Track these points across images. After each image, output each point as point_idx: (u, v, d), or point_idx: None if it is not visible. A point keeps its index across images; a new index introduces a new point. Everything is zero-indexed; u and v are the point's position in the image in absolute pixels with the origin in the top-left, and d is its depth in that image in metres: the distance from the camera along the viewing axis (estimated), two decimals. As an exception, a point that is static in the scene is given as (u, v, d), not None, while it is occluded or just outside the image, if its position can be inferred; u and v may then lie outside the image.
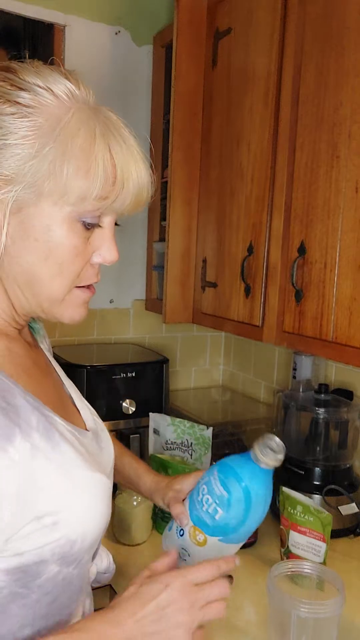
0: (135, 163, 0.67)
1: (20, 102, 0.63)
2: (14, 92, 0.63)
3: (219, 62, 1.51)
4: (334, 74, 1.12)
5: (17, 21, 1.92)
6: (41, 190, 0.62)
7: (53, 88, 0.65)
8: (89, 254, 0.69)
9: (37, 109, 0.63)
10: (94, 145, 0.63)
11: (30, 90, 0.63)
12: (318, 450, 1.45)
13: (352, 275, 1.09)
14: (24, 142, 0.62)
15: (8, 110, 0.62)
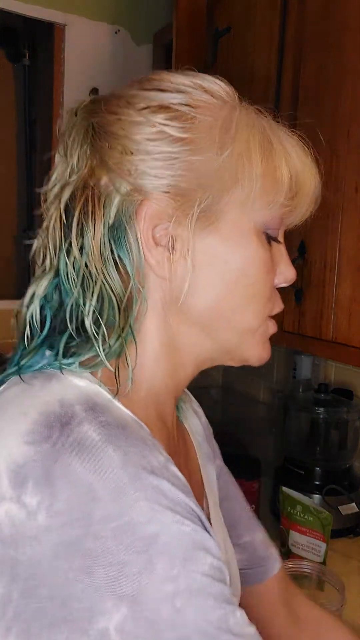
0: (311, 168, 0.59)
1: (186, 104, 0.53)
2: (170, 95, 0.53)
3: (219, 61, 1.51)
4: (333, 73, 1.12)
5: (17, 21, 1.92)
6: (226, 200, 0.52)
7: (211, 88, 0.57)
8: (274, 272, 0.59)
9: (203, 109, 0.54)
10: (272, 146, 0.55)
11: (186, 92, 0.54)
12: (318, 450, 1.45)
13: (352, 275, 1.09)
14: (201, 146, 0.51)
15: (170, 115, 0.51)
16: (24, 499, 0.40)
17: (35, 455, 0.41)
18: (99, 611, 0.38)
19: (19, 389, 0.48)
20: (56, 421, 0.43)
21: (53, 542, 0.39)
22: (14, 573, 0.39)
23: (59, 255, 0.50)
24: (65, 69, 1.74)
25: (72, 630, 0.38)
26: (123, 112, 0.52)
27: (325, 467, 1.42)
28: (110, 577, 0.39)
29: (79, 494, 0.40)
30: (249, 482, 1.30)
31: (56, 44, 1.75)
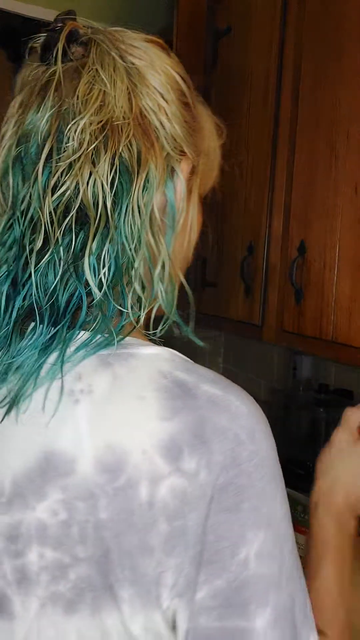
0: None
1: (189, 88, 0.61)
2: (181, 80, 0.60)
3: (219, 61, 1.51)
4: (332, 74, 1.12)
5: (17, 21, 1.92)
6: (205, 174, 0.62)
7: (187, 75, 0.64)
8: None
9: (193, 94, 0.62)
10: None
11: (185, 80, 0.62)
12: (318, 450, 1.45)
13: (352, 275, 1.09)
14: (203, 122, 0.63)
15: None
16: (182, 467, 0.46)
17: (180, 427, 0.46)
18: (242, 543, 0.46)
19: (110, 378, 0.49)
20: (179, 392, 0.48)
21: (210, 490, 0.46)
22: (185, 541, 0.46)
23: (113, 212, 0.50)
24: (66, 70, 1.75)
25: (214, 569, 0.46)
26: (155, 65, 0.55)
27: (326, 467, 1.42)
28: (254, 509, 0.47)
29: (228, 442, 0.47)
30: (249, 481, 1.30)
31: (56, 45, 1.75)
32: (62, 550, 0.47)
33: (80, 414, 0.48)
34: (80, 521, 0.47)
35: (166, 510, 0.46)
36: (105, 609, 0.47)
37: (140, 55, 0.54)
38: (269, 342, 1.32)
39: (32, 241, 0.50)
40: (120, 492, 0.46)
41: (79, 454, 0.47)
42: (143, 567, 0.46)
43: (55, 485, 0.47)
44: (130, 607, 0.47)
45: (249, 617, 0.46)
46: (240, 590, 0.46)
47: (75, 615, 0.48)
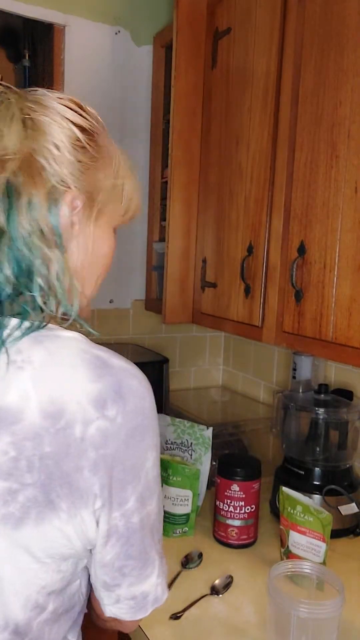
0: (139, 190, 0.83)
1: (93, 129, 0.74)
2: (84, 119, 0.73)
3: (219, 62, 1.51)
4: (333, 74, 1.12)
5: (17, 21, 1.92)
6: (110, 207, 0.77)
7: (96, 115, 0.77)
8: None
9: (100, 135, 0.75)
10: (131, 170, 0.80)
11: (91, 119, 0.74)
12: (318, 450, 1.45)
13: (352, 275, 1.09)
14: (106, 163, 0.75)
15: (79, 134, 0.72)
16: (106, 414, 0.64)
17: (104, 387, 0.65)
18: (146, 459, 0.68)
19: (45, 352, 0.65)
20: (100, 364, 0.66)
21: (126, 430, 0.65)
22: (106, 464, 0.64)
23: (8, 224, 0.65)
24: (66, 70, 1.74)
25: (137, 482, 0.67)
26: (53, 118, 0.69)
27: (325, 468, 1.42)
28: (152, 438, 0.68)
29: (137, 398, 0.67)
30: (249, 482, 1.30)
31: (56, 45, 1.75)
32: (12, 480, 0.63)
33: (25, 377, 0.64)
34: (28, 456, 0.63)
35: (94, 443, 0.64)
36: (47, 519, 0.64)
37: (42, 111, 0.69)
38: (269, 342, 1.32)
39: None
40: (60, 431, 0.63)
41: (25, 406, 0.63)
42: (77, 483, 0.64)
43: (6, 432, 0.63)
44: (67, 514, 0.64)
45: (151, 502, 0.70)
46: (147, 489, 0.68)
47: (22, 528, 0.64)
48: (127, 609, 0.72)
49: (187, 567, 1.22)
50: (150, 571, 0.72)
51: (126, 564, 0.69)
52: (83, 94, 1.95)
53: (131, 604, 0.72)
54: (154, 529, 0.72)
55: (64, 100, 0.72)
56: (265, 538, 1.36)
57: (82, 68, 1.77)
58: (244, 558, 1.28)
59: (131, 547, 0.69)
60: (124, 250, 1.90)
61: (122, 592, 0.71)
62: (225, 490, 1.31)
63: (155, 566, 0.72)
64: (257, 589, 1.16)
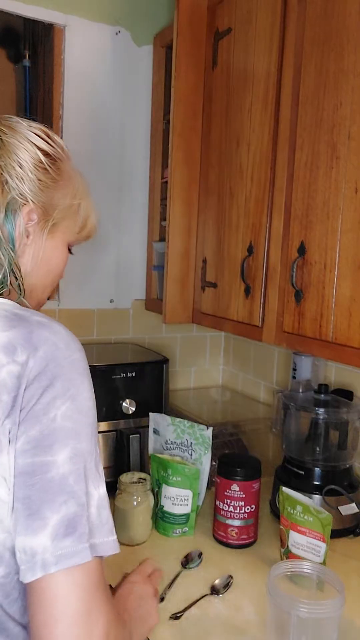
0: (94, 211, 0.95)
1: (56, 155, 0.86)
2: (48, 146, 0.86)
3: (219, 62, 1.51)
4: (333, 74, 1.12)
5: (17, 21, 1.92)
6: (64, 224, 0.88)
7: (62, 143, 0.89)
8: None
9: (62, 160, 0.87)
10: (89, 194, 0.92)
11: (56, 145, 0.87)
12: (318, 450, 1.45)
13: (352, 275, 1.09)
14: (65, 185, 0.87)
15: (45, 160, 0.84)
16: (16, 359, 0.69)
17: (16, 334, 0.71)
18: (52, 406, 0.69)
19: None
20: (15, 317, 0.73)
21: (36, 372, 0.69)
22: (16, 405, 0.68)
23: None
24: (66, 70, 1.74)
25: (31, 423, 0.68)
26: (21, 141, 0.82)
27: (325, 468, 1.42)
28: (64, 387, 0.70)
29: (48, 346, 0.71)
30: (249, 482, 1.30)
31: (56, 45, 1.75)
32: None
33: None
34: None
35: (6, 387, 0.68)
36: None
37: (12, 135, 0.82)
38: (269, 342, 1.32)
39: None
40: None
41: None
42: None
43: None
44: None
45: (53, 454, 0.68)
46: (48, 436, 0.68)
47: None
48: (22, 566, 0.67)
49: (187, 567, 1.23)
50: (38, 526, 0.67)
51: (16, 505, 0.68)
52: (83, 95, 1.95)
53: (23, 559, 0.67)
54: (51, 488, 0.67)
55: (34, 129, 0.85)
56: (265, 538, 1.36)
57: (82, 68, 1.77)
58: (244, 558, 1.28)
59: (19, 489, 0.68)
60: (124, 250, 1.90)
61: (17, 541, 0.68)
62: (225, 490, 1.31)
63: (46, 524, 0.66)
64: (257, 589, 1.16)
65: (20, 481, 0.68)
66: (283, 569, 1.03)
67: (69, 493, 0.68)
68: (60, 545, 0.66)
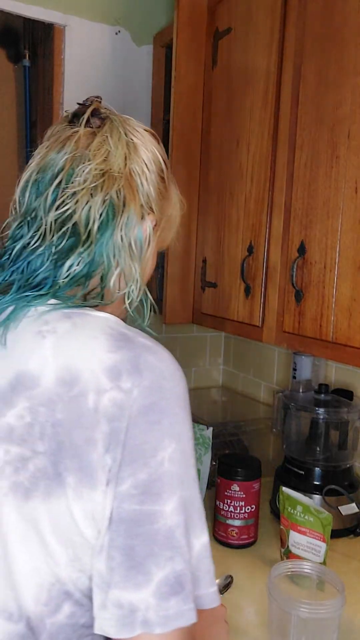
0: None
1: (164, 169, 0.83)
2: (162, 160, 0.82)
3: (219, 61, 1.51)
4: (333, 74, 1.12)
5: (17, 21, 1.92)
6: (162, 232, 0.85)
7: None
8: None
9: (168, 168, 0.83)
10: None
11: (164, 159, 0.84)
12: (318, 450, 1.45)
13: (352, 275, 1.09)
14: (170, 194, 0.84)
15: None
16: (121, 385, 0.62)
17: (121, 358, 0.64)
18: (160, 447, 0.62)
19: (70, 324, 0.67)
20: (122, 337, 0.66)
21: (140, 405, 0.62)
22: (119, 439, 0.61)
23: (97, 233, 0.71)
24: (66, 70, 1.74)
25: (138, 465, 0.61)
26: (146, 145, 0.78)
27: (326, 468, 1.42)
28: (170, 425, 0.63)
29: (155, 375, 0.64)
30: (249, 482, 1.30)
31: (56, 45, 1.75)
32: (25, 446, 0.62)
33: (46, 345, 0.65)
34: (41, 422, 0.62)
35: (107, 415, 0.61)
36: (54, 495, 0.61)
37: (138, 136, 0.77)
38: (269, 342, 1.32)
39: (31, 238, 0.73)
40: (73, 399, 0.62)
41: (43, 372, 0.63)
42: (87, 457, 0.61)
43: (23, 396, 0.63)
44: (74, 492, 0.61)
45: (162, 503, 0.62)
46: (155, 482, 0.62)
47: (31, 500, 0.62)
48: (114, 620, 0.61)
49: (187, 567, 1.22)
50: (141, 581, 0.60)
51: (113, 554, 0.61)
52: (83, 94, 1.94)
53: (117, 613, 0.61)
54: (158, 541, 0.61)
55: (149, 132, 0.81)
56: (266, 538, 1.36)
57: (82, 68, 1.77)
58: (244, 558, 1.28)
59: (118, 536, 0.61)
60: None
61: (110, 593, 0.61)
62: (225, 490, 1.31)
63: (150, 580, 0.61)
64: (257, 589, 1.16)
65: (121, 528, 0.61)
66: (283, 569, 1.03)
67: (175, 548, 0.62)
68: (166, 605, 0.61)
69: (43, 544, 0.63)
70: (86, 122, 0.76)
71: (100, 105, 0.79)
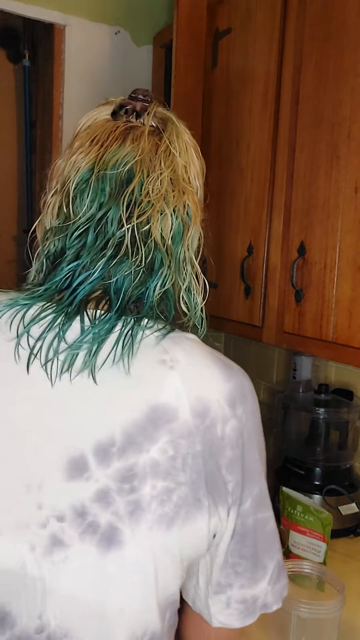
0: None
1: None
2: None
3: (219, 62, 1.51)
4: (333, 74, 1.12)
5: (17, 21, 1.92)
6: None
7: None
8: None
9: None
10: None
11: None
12: (318, 450, 1.45)
13: (352, 275, 1.09)
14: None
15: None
16: (237, 413, 0.66)
17: (234, 387, 0.66)
18: (261, 463, 0.69)
19: (183, 352, 0.66)
20: (226, 365, 0.68)
21: (249, 429, 0.67)
22: (237, 463, 0.66)
23: (175, 247, 0.70)
24: (66, 70, 1.75)
25: (253, 482, 0.68)
26: (197, 151, 0.77)
27: (326, 467, 1.42)
28: (260, 442, 0.69)
29: (253, 398, 0.69)
30: (249, 482, 1.30)
31: (56, 45, 1.75)
32: (170, 479, 0.63)
33: (175, 376, 0.64)
34: (183, 454, 0.63)
35: (230, 442, 0.65)
36: (192, 518, 0.64)
37: (189, 138, 0.75)
38: (269, 342, 1.32)
39: (104, 249, 0.67)
40: (207, 429, 0.64)
41: (179, 404, 0.63)
42: (217, 481, 0.64)
43: (164, 430, 0.62)
44: (208, 513, 0.64)
45: (268, 507, 0.70)
46: (263, 492, 0.69)
47: (172, 528, 0.63)
48: (237, 614, 0.70)
49: (187, 567, 1.23)
50: (260, 575, 0.70)
51: (239, 562, 0.68)
52: (83, 94, 1.95)
53: (241, 608, 0.70)
54: (269, 539, 0.70)
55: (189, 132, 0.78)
56: (266, 538, 1.36)
57: (82, 68, 1.77)
58: (244, 558, 1.28)
59: (244, 547, 0.68)
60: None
61: (233, 594, 0.69)
62: (225, 491, 1.31)
63: (267, 572, 0.70)
64: (257, 589, 1.16)
65: (247, 539, 0.68)
66: (283, 569, 1.03)
67: (277, 539, 0.72)
68: (278, 586, 0.72)
69: (172, 563, 0.65)
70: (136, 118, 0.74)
71: (160, 104, 0.76)
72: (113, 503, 0.61)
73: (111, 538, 0.61)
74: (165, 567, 0.64)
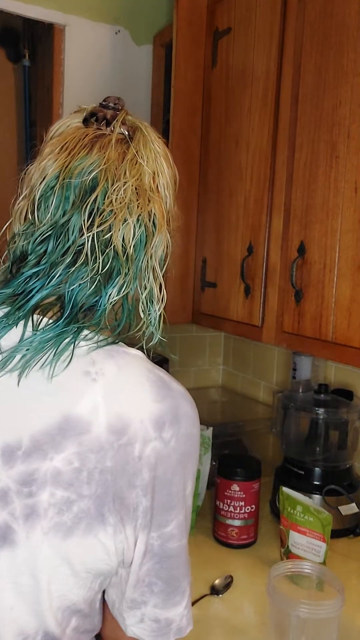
0: None
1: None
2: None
3: (219, 61, 1.51)
4: (333, 74, 1.12)
5: (17, 21, 1.92)
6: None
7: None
8: None
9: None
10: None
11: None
12: (318, 450, 1.45)
13: (352, 275, 1.09)
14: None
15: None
16: (162, 435, 0.64)
17: (166, 408, 0.65)
18: (186, 487, 0.68)
19: (115, 366, 0.65)
20: (162, 385, 0.67)
21: (178, 454, 0.66)
22: (154, 486, 0.65)
23: (136, 255, 0.70)
24: (65, 70, 1.74)
25: (178, 509, 0.67)
26: (167, 160, 0.75)
27: (325, 468, 1.42)
28: (193, 469, 0.69)
29: (190, 424, 0.67)
30: (249, 482, 1.30)
31: (56, 45, 1.75)
32: (71, 490, 0.63)
33: (97, 389, 0.63)
34: (90, 468, 0.62)
35: (149, 464, 0.64)
36: (93, 532, 0.64)
37: (160, 146, 0.74)
38: (269, 342, 1.32)
39: (64, 256, 0.67)
40: (122, 447, 0.63)
41: (94, 418, 0.62)
42: (127, 500, 0.64)
43: (73, 441, 0.62)
44: (113, 529, 0.64)
45: (187, 535, 0.70)
46: (187, 519, 0.70)
47: (70, 538, 0.63)
48: (149, 631, 0.70)
49: (187, 567, 1.23)
50: (178, 600, 0.70)
51: (156, 582, 0.68)
52: (83, 94, 1.95)
53: (154, 626, 0.70)
54: (188, 562, 0.71)
55: (161, 140, 0.77)
56: (265, 538, 1.36)
57: (82, 68, 1.77)
58: (244, 558, 1.28)
59: (162, 569, 0.68)
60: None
61: (147, 611, 0.69)
62: (225, 490, 1.31)
63: (185, 597, 0.71)
64: (257, 589, 1.16)
65: (168, 562, 0.68)
66: (283, 569, 1.03)
67: (189, 567, 0.72)
68: (189, 611, 0.73)
69: (72, 574, 0.65)
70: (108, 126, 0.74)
71: (128, 112, 0.76)
72: (11, 503, 0.62)
73: (5, 536, 0.63)
74: (64, 576, 0.65)
